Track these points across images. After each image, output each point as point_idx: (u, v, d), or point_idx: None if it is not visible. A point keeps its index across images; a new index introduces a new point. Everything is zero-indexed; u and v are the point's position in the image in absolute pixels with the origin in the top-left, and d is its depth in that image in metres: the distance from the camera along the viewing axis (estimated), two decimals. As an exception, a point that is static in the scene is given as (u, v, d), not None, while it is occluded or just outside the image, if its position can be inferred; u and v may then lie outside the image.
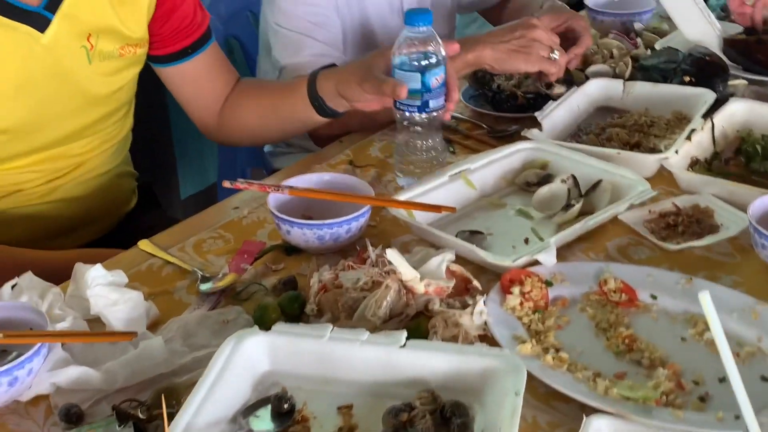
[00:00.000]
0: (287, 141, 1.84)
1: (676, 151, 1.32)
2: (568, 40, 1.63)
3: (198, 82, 1.48)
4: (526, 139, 1.40)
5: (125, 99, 1.46)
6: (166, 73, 1.48)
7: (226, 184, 1.20)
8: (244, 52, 1.98)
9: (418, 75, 1.26)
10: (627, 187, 1.26)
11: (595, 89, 1.58)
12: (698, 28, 1.62)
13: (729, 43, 1.60)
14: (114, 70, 1.38)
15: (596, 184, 1.27)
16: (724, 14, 1.89)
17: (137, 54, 1.41)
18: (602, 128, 1.50)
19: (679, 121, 1.50)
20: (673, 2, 1.62)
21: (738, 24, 1.71)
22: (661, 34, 1.81)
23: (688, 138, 1.36)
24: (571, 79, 1.61)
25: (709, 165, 1.37)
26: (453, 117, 1.58)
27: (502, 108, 1.59)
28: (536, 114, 1.46)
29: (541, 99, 1.55)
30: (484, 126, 1.56)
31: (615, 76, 1.64)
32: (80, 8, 1.30)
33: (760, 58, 1.58)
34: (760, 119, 1.45)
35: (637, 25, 1.85)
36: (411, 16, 1.27)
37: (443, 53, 1.28)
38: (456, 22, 2.00)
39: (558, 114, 1.49)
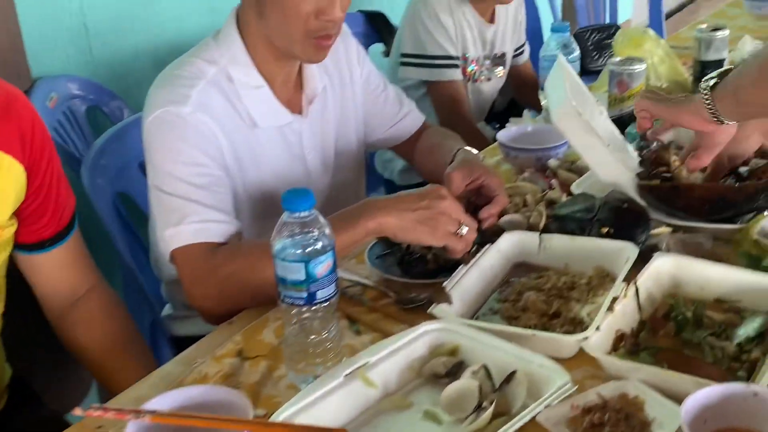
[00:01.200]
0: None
1: (598, 327, 1.18)
2: (481, 196, 1.51)
3: (51, 275, 1.32)
4: (434, 317, 1.25)
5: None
6: (19, 258, 1.32)
7: (78, 411, 1.02)
8: (136, 212, 1.82)
9: (302, 264, 1.11)
10: (545, 379, 1.10)
11: (510, 245, 1.45)
12: (612, 170, 1.51)
13: (645, 189, 1.49)
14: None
15: (511, 376, 1.12)
16: (644, 143, 1.80)
17: (3, 237, 1.26)
18: (519, 293, 1.36)
19: (601, 279, 1.37)
20: (583, 142, 1.50)
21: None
22: (579, 171, 1.70)
23: (611, 308, 1.22)
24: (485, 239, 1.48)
25: (636, 337, 1.23)
26: (358, 283, 1.44)
27: (412, 272, 1.44)
28: (445, 284, 1.32)
29: (453, 264, 1.41)
30: (391, 294, 1.41)
31: (530, 226, 1.52)
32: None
33: (679, 203, 1.46)
34: (689, 275, 1.32)
35: (552, 162, 1.75)
36: (289, 201, 1.12)
37: (329, 235, 1.14)
38: (364, 156, 1.88)
39: (470, 280, 1.35)
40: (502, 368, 1.13)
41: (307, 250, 1.12)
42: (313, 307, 1.14)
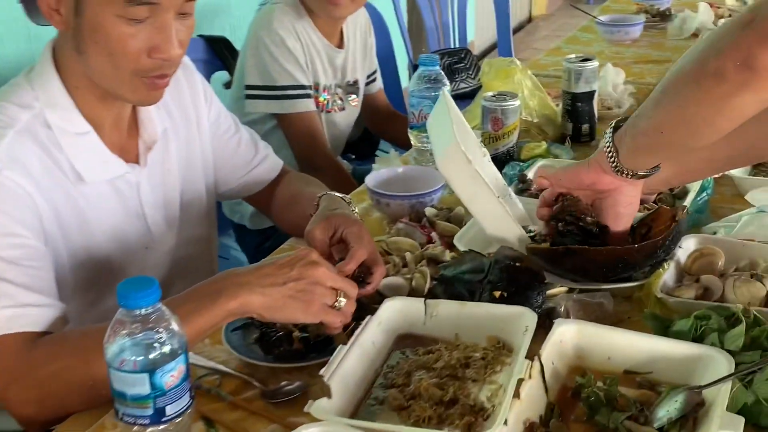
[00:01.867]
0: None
1: (506, 422, 1.00)
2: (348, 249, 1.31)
3: None
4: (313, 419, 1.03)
5: None
6: None
7: None
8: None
9: (145, 375, 0.87)
10: (452, 494, 0.92)
11: (392, 315, 1.25)
12: (501, 224, 1.35)
13: (534, 252, 1.33)
14: None
15: (412, 492, 0.92)
16: (522, 185, 1.66)
17: None
18: (407, 374, 1.17)
19: (497, 352, 1.20)
20: (469, 191, 1.34)
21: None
22: (458, 221, 1.54)
23: (516, 394, 1.05)
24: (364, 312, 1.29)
25: (547, 425, 1.07)
26: (214, 371, 1.20)
27: (276, 354, 1.22)
28: (321, 372, 1.11)
29: (324, 340, 1.20)
30: (255, 383, 1.18)
31: (412, 290, 1.33)
32: None
33: (569, 267, 1.32)
34: (594, 344, 1.17)
35: (429, 211, 1.57)
36: (126, 295, 0.88)
37: (179, 333, 0.90)
38: (215, 208, 1.63)
39: (350, 363, 1.14)
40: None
41: (151, 356, 0.88)
42: (162, 426, 0.90)
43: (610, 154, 1.22)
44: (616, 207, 1.30)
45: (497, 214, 1.33)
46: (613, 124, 1.22)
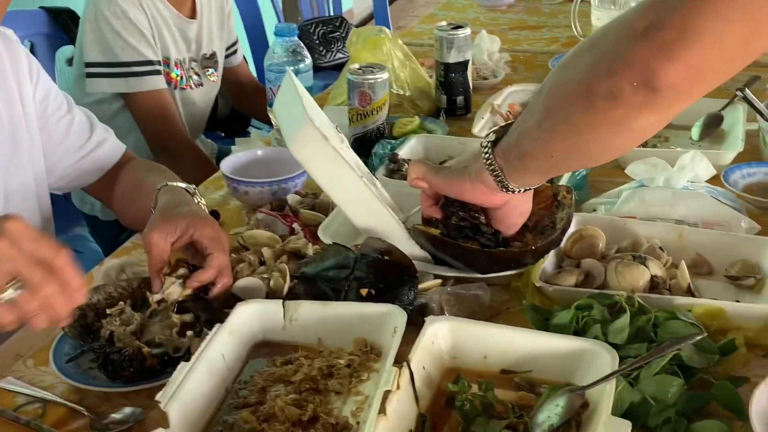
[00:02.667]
0: None
1: (371, 443, 0.88)
2: (199, 254, 1.16)
3: None
4: (143, 454, 0.89)
5: None
6: None
7: None
8: None
9: None
10: None
11: (246, 322, 1.11)
12: (368, 210, 1.22)
13: (423, 234, 1.21)
14: None
15: None
16: (393, 166, 1.53)
17: None
18: (261, 390, 1.03)
19: (364, 358, 1.08)
20: (329, 175, 1.20)
21: None
22: (325, 209, 1.40)
23: (382, 410, 0.93)
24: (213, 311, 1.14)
25: (418, 440, 0.95)
26: (36, 399, 1.03)
27: (123, 376, 1.05)
28: (157, 397, 0.95)
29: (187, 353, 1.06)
30: (85, 413, 1.02)
31: (271, 291, 1.19)
32: None
33: (459, 257, 1.21)
34: (469, 343, 1.06)
35: (292, 198, 1.42)
36: None
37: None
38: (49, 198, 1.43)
39: (195, 381, 0.99)
40: None
41: None
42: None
43: (496, 174, 1.07)
44: (508, 219, 1.18)
45: (364, 199, 1.19)
46: (489, 139, 1.08)
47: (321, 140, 1.13)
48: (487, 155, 1.06)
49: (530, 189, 1.12)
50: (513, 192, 1.09)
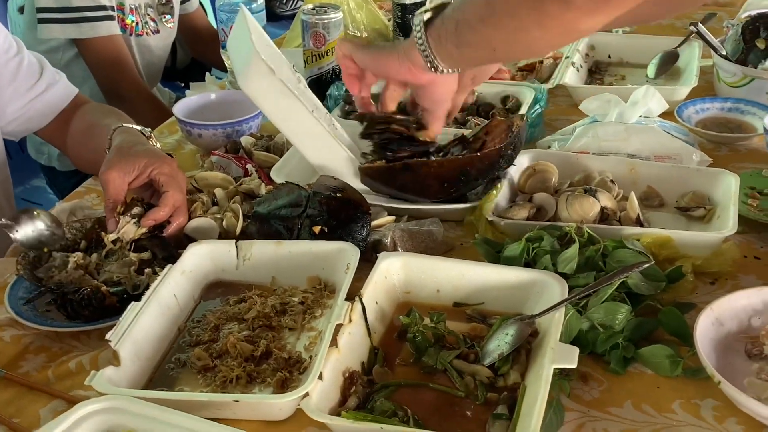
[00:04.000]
0: None
1: (320, 376, 0.89)
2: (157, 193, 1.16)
3: None
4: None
5: None
6: None
7: None
8: None
9: None
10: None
11: (198, 263, 1.11)
12: (321, 146, 1.21)
13: (368, 173, 1.21)
14: None
15: (210, 470, 0.80)
16: (348, 107, 1.52)
17: None
18: (214, 329, 1.03)
19: (318, 294, 1.08)
20: (280, 110, 1.18)
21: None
22: (280, 151, 1.39)
23: (334, 343, 0.93)
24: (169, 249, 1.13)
25: (370, 373, 0.96)
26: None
27: (84, 315, 1.05)
28: (108, 336, 0.95)
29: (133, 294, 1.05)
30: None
31: (224, 232, 1.18)
32: None
33: (409, 184, 1.21)
34: (422, 277, 1.07)
35: (246, 140, 1.41)
36: None
37: None
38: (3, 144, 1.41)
39: (146, 322, 0.99)
40: (197, 457, 0.81)
41: None
42: None
43: (426, 54, 1.05)
44: (433, 95, 1.16)
45: (316, 133, 1.19)
46: (422, 18, 1.04)
47: (269, 74, 1.11)
48: (420, 35, 1.05)
49: (458, 71, 1.11)
50: (441, 72, 1.07)
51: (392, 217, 1.20)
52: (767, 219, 1.21)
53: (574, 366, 0.88)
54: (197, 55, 2.37)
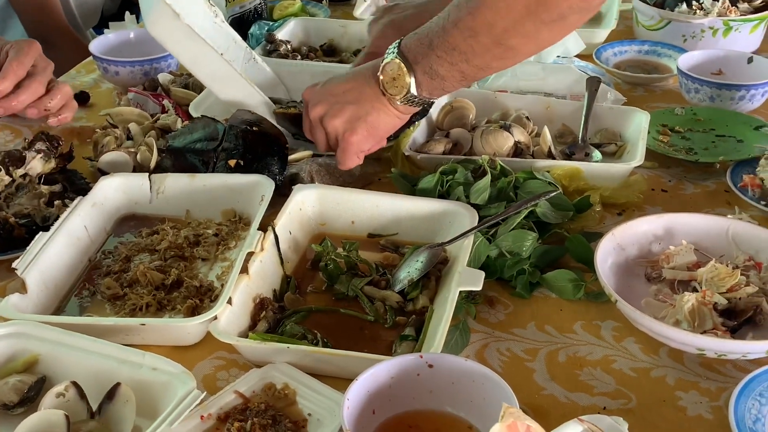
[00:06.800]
0: None
1: (229, 300, 0.89)
2: None
3: None
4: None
5: None
6: None
7: None
8: None
9: None
10: (163, 386, 0.79)
11: (110, 194, 1.09)
12: (231, 85, 1.20)
13: (283, 117, 1.20)
14: None
15: (113, 391, 0.79)
16: (270, 46, 1.51)
17: None
18: (126, 260, 1.02)
19: (233, 227, 1.08)
20: (189, 52, 1.15)
21: None
22: (199, 88, 1.37)
23: (245, 270, 0.94)
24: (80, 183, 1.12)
25: (281, 300, 0.97)
26: None
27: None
28: (15, 265, 0.94)
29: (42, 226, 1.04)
30: (-59, 285, 1.00)
31: (138, 166, 1.17)
32: None
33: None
34: (337, 209, 1.08)
35: (163, 77, 1.39)
36: None
37: None
38: None
39: (54, 251, 0.98)
40: (101, 381, 0.81)
41: None
42: None
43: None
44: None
45: (226, 74, 1.17)
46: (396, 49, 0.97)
47: (174, 18, 1.09)
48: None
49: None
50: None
51: (310, 152, 1.20)
52: (676, 154, 1.24)
53: (479, 289, 0.90)
54: None
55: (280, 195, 1.08)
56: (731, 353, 0.83)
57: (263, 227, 1.00)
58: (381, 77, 0.99)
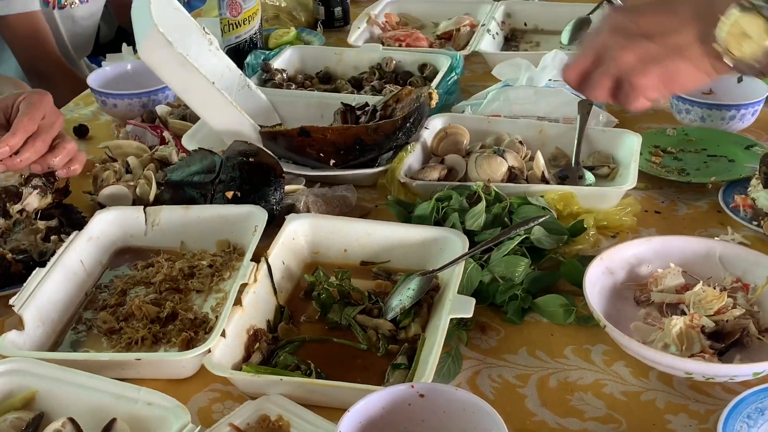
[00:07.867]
0: None
1: (223, 333, 0.90)
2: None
3: None
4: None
5: None
6: None
7: None
8: None
9: None
10: (158, 421, 0.81)
11: (106, 229, 1.11)
12: (224, 114, 1.22)
13: (268, 136, 1.22)
14: None
15: (109, 426, 0.80)
16: (266, 75, 1.53)
17: None
18: (122, 293, 1.03)
19: (227, 257, 1.09)
20: (181, 81, 1.18)
21: None
22: (195, 119, 1.38)
23: (238, 301, 0.95)
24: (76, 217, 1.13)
25: (275, 330, 0.98)
26: None
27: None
28: (12, 302, 0.95)
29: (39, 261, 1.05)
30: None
31: (137, 199, 1.19)
32: None
33: (307, 149, 1.22)
34: (329, 238, 1.09)
35: (161, 109, 1.41)
36: None
37: None
38: None
39: (51, 287, 0.99)
40: (98, 417, 0.82)
41: None
42: None
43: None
44: None
45: (218, 104, 1.19)
46: None
47: (166, 46, 1.12)
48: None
49: None
50: None
51: (303, 186, 1.21)
52: (668, 175, 1.25)
53: (469, 316, 0.91)
54: (125, 24, 2.33)
55: (276, 225, 1.09)
56: (718, 376, 0.83)
57: (257, 257, 1.01)
58: (720, 33, 0.81)
